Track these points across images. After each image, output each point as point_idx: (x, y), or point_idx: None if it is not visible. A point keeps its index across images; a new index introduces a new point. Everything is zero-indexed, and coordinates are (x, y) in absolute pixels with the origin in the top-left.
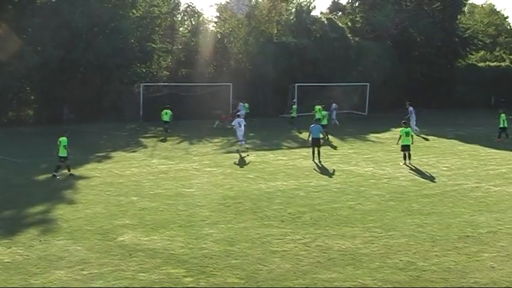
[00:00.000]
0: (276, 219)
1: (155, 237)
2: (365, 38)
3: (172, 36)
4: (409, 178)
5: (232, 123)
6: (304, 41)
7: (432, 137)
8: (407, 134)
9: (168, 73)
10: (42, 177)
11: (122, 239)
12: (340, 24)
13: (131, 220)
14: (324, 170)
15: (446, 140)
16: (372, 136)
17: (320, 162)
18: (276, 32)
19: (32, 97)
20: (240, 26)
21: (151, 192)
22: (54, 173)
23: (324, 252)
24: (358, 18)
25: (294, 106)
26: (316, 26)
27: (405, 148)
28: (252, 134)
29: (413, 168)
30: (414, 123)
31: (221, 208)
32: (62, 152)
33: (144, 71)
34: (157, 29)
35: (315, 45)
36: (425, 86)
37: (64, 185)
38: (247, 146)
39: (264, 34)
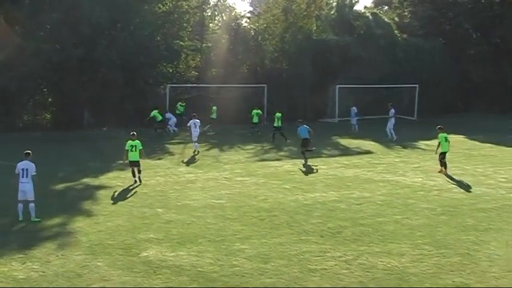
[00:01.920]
0: (314, 234)
1: (182, 253)
2: (414, 34)
3: (201, 33)
4: (462, 190)
5: (188, 124)
6: (346, 38)
7: (489, 145)
8: (446, 139)
9: (196, 73)
10: (59, 186)
11: (145, 254)
12: (386, 19)
13: (156, 234)
14: (366, 181)
15: (506, 148)
16: (421, 143)
17: (306, 162)
18: (315, 28)
19: (50, 99)
20: (276, 21)
21: (178, 204)
22: (136, 179)
23: (368, 271)
24: (406, 13)
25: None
26: (360, 21)
27: (444, 156)
28: (288, 141)
29: (449, 178)
30: (392, 126)
31: (254, 221)
32: (135, 157)
33: (171, 70)
34: (185, 25)
35: (358, 43)
36: (482, 88)
37: (83, 196)
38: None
39: (302, 30)
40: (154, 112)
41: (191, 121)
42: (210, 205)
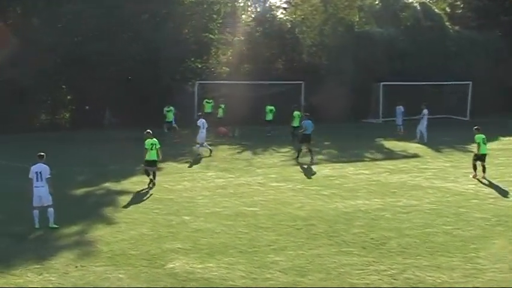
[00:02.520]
0: (356, 246)
1: (211, 265)
2: (467, 26)
3: (233, 25)
4: None
5: (198, 124)
6: (391, 30)
7: None
8: (484, 141)
9: (227, 69)
10: (79, 191)
11: (171, 266)
12: (436, 10)
13: (183, 244)
14: (413, 187)
15: None
16: (475, 146)
17: (312, 162)
18: (357, 19)
19: (69, 97)
20: (315, 12)
21: (207, 211)
22: (153, 180)
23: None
24: (458, 3)
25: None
26: (407, 12)
27: (482, 158)
28: (327, 143)
29: (486, 183)
30: (424, 127)
31: (290, 231)
32: (154, 156)
33: (200, 66)
34: (215, 16)
35: (404, 36)
36: None
37: (104, 201)
38: (315, 158)
39: (343, 22)
40: (168, 110)
41: (200, 121)
42: (242, 213)
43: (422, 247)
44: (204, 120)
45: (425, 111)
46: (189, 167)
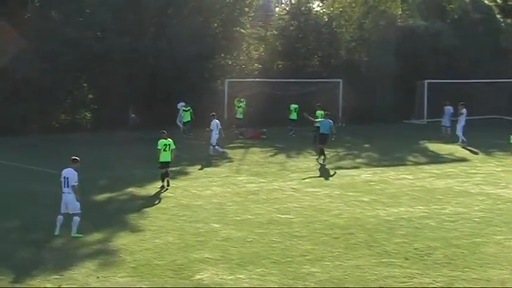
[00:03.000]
0: (398, 256)
1: (242, 276)
2: None
3: (266, 19)
4: None
5: (211, 127)
6: (437, 24)
7: None
8: None
9: (260, 66)
10: (100, 196)
11: (199, 277)
12: (486, 1)
13: (212, 253)
14: (460, 194)
15: None
16: None
17: (322, 161)
18: (400, 12)
19: (90, 96)
20: (354, 5)
21: (238, 218)
22: (165, 184)
23: None
24: None
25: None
26: (454, 4)
27: None
28: (367, 146)
29: None
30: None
31: (327, 240)
32: (167, 157)
33: (230, 63)
34: (247, 9)
35: (451, 30)
36: None
37: (127, 208)
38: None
39: (384, 15)
40: (186, 110)
41: (214, 122)
42: (275, 220)
43: (471, 258)
44: (217, 121)
45: (463, 110)
46: (200, 169)
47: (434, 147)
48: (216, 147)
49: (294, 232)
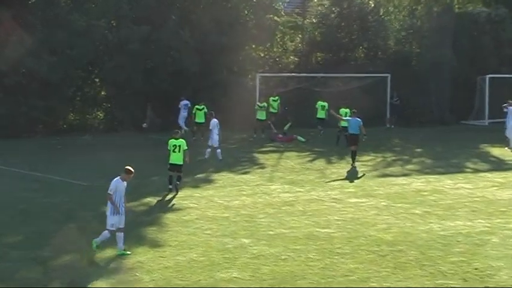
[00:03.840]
0: (455, 278)
1: None
2: None
3: (303, 5)
4: None
5: (210, 127)
6: (501, 11)
7: None
8: None
9: (296, 59)
10: None
11: None
12: None
13: (241, 272)
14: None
15: None
16: None
17: (354, 167)
18: None
19: (103, 93)
20: None
21: (271, 233)
22: (172, 187)
23: None
24: None
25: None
26: None
27: None
28: (419, 150)
29: None
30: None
31: (372, 258)
32: (178, 159)
33: (262, 55)
34: None
35: None
36: None
37: (145, 220)
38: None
39: (439, 1)
40: (200, 108)
41: (213, 122)
42: (313, 235)
43: None
44: (217, 120)
45: (511, 108)
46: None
47: (497, 152)
48: (218, 151)
49: (334, 249)
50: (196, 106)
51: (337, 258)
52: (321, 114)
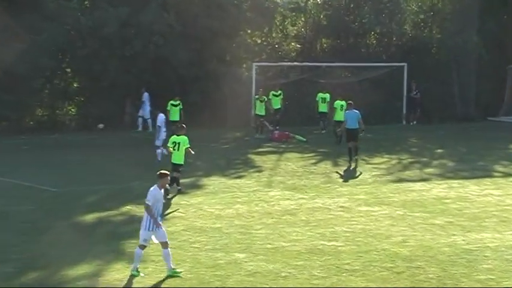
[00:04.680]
0: None
1: None
2: None
3: None
4: None
5: (158, 123)
6: None
7: None
8: None
9: (298, 46)
10: (89, 217)
11: None
12: None
13: None
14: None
15: None
16: None
17: (355, 166)
18: None
19: (75, 85)
20: None
21: (269, 246)
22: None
23: None
24: None
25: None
26: None
27: None
28: (440, 151)
29: None
30: None
31: (386, 276)
32: (179, 159)
33: (259, 41)
34: None
35: None
36: None
37: (124, 232)
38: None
39: None
40: (175, 104)
41: (161, 116)
42: (318, 249)
43: None
44: (164, 116)
45: None
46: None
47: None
48: (161, 149)
49: (342, 265)
50: (171, 101)
51: (346, 276)
52: (322, 107)
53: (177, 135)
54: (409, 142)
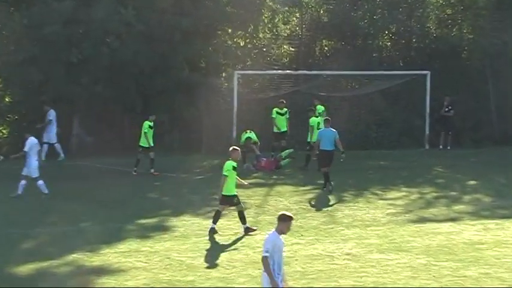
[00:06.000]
0: None
1: None
2: None
3: None
4: None
5: (26, 148)
6: None
7: None
8: None
9: (292, 49)
10: (24, 268)
11: None
12: None
13: None
14: None
15: None
16: None
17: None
18: None
19: (7, 99)
20: None
21: None
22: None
23: None
24: None
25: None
26: None
27: None
28: (472, 183)
29: None
30: None
31: None
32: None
33: (242, 44)
34: None
35: None
36: None
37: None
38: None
39: None
40: (150, 125)
41: (32, 140)
42: None
43: None
44: (35, 140)
45: None
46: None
47: None
48: (40, 182)
49: None
50: (148, 123)
51: None
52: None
53: (230, 161)
54: (433, 172)
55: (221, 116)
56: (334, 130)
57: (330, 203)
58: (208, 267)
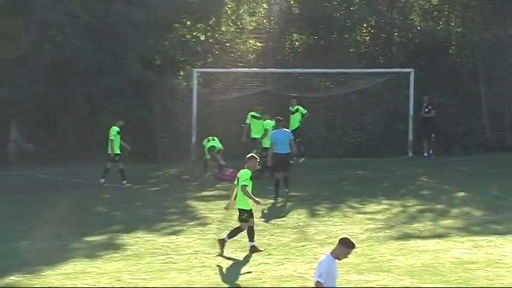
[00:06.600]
0: None
1: None
2: None
3: None
4: None
5: None
6: None
7: None
8: None
9: (259, 44)
10: None
11: None
12: None
13: None
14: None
15: None
16: None
17: (287, 197)
18: None
19: None
20: None
21: None
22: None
23: None
24: None
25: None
26: None
27: None
28: (461, 194)
29: None
30: None
31: None
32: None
33: (203, 38)
34: None
35: None
36: None
37: None
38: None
39: None
40: (113, 131)
41: None
42: None
43: None
44: None
45: None
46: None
47: None
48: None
49: None
50: (116, 128)
51: None
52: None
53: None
54: (418, 182)
55: (179, 120)
56: (288, 130)
57: (301, 218)
58: None
